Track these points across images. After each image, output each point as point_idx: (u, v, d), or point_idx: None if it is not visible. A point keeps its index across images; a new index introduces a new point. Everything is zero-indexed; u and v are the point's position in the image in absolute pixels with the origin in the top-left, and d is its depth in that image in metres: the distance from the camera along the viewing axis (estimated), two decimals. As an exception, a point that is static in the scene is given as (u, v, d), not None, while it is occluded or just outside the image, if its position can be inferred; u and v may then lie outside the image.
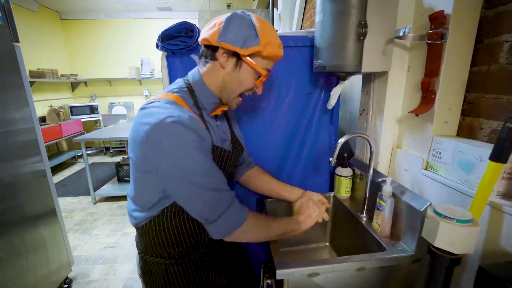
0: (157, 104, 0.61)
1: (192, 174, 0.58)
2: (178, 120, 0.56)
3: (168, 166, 0.58)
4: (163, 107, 0.60)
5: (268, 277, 0.85)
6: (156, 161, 0.58)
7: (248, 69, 0.66)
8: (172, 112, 0.58)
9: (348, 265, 0.70)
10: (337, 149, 0.80)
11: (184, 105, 0.64)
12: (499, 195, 0.58)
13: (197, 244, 0.73)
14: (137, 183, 0.67)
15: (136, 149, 0.61)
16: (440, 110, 0.73)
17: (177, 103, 0.63)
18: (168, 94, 0.66)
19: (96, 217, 2.64)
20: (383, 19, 0.75)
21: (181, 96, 0.66)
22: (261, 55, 0.64)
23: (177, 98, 0.65)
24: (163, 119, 0.56)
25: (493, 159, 0.50)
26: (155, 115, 0.57)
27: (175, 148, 0.57)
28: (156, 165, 0.59)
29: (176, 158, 0.57)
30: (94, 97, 4.83)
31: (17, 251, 1.32)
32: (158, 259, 0.72)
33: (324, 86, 1.03)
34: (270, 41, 0.63)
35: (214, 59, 0.66)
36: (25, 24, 3.71)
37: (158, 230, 0.69)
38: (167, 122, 0.56)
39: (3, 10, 1.27)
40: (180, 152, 0.57)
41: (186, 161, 0.58)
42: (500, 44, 0.64)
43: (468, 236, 0.50)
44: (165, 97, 0.64)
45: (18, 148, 1.35)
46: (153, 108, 0.60)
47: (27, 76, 1.41)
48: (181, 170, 0.58)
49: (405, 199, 0.75)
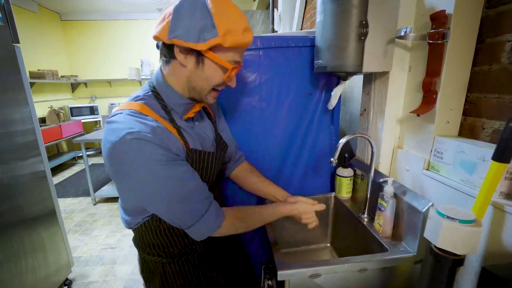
0: (118, 118, 0.57)
1: (159, 189, 0.57)
2: (138, 136, 0.53)
3: (135, 183, 0.57)
4: (123, 121, 0.56)
5: (269, 278, 0.85)
6: (123, 177, 0.58)
7: (213, 65, 0.58)
8: (132, 126, 0.54)
9: (349, 266, 0.69)
10: (338, 150, 0.79)
11: (149, 113, 0.59)
12: (502, 195, 0.58)
13: (193, 245, 0.73)
14: (119, 192, 0.66)
15: (106, 163, 0.59)
16: (441, 110, 0.72)
17: (141, 112, 0.58)
18: (132, 103, 0.60)
19: (96, 218, 2.64)
20: (384, 19, 0.74)
21: (146, 103, 0.61)
22: (223, 47, 0.56)
23: (141, 107, 0.60)
24: (122, 136, 0.53)
25: (496, 159, 0.50)
26: (116, 132, 0.54)
27: (137, 165, 0.54)
28: (124, 183, 0.59)
29: (141, 175, 0.55)
30: (94, 98, 4.83)
31: (16, 253, 1.31)
32: (156, 258, 0.72)
33: (325, 86, 1.02)
34: (230, 28, 0.54)
35: (173, 58, 0.59)
36: (25, 25, 3.71)
37: (151, 233, 0.69)
38: (127, 139, 0.52)
39: (3, 11, 1.27)
40: (143, 168, 0.55)
41: (152, 177, 0.56)
42: (501, 44, 0.63)
43: (471, 236, 0.49)
44: (128, 107, 0.59)
45: (18, 149, 1.34)
46: (114, 123, 0.56)
47: (27, 77, 1.41)
48: (148, 186, 0.57)
49: (407, 200, 0.75)
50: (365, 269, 0.71)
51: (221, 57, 0.58)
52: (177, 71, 0.61)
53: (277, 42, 0.95)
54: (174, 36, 0.54)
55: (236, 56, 0.60)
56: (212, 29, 0.53)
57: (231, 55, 0.59)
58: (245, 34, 0.57)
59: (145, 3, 3.98)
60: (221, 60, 0.58)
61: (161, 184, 0.57)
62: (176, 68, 0.61)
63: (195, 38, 0.54)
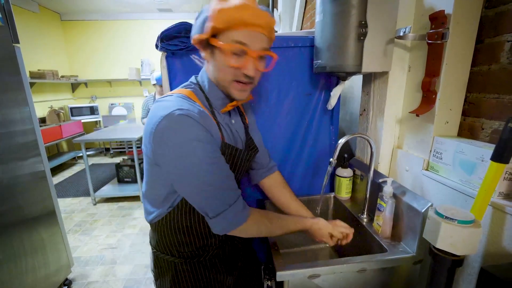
0: (169, 98, 0.62)
1: (195, 168, 0.58)
2: (186, 113, 0.57)
3: (174, 157, 0.58)
4: (174, 100, 0.61)
5: (268, 278, 0.85)
6: (163, 152, 0.59)
7: (220, 52, 0.60)
8: (182, 105, 0.59)
9: (349, 266, 0.69)
10: (338, 150, 0.79)
11: (196, 100, 0.65)
12: (501, 195, 0.58)
13: (207, 246, 0.73)
14: (148, 177, 0.68)
15: (147, 141, 0.62)
16: (440, 110, 0.72)
17: (190, 98, 0.64)
18: (182, 90, 0.67)
19: (96, 218, 2.64)
20: (383, 19, 0.74)
21: (194, 91, 0.67)
22: (220, 29, 0.56)
23: (190, 93, 0.65)
24: (172, 111, 0.56)
25: (495, 159, 0.50)
26: (166, 108, 0.58)
27: (181, 140, 0.57)
28: (163, 156, 0.60)
29: (181, 150, 0.57)
30: (94, 98, 4.83)
31: (16, 253, 1.31)
32: (169, 257, 0.72)
33: (324, 86, 1.02)
34: (220, 8, 0.55)
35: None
36: (26, 25, 3.71)
37: (170, 229, 0.69)
38: (176, 114, 0.56)
39: (3, 11, 1.27)
40: (186, 144, 0.57)
41: (191, 154, 0.57)
42: (501, 44, 0.63)
43: (470, 237, 0.49)
44: (179, 92, 0.65)
45: (18, 149, 1.34)
46: (165, 102, 0.61)
47: (27, 77, 1.41)
48: (186, 162, 0.58)
49: (406, 200, 0.75)
50: (364, 269, 0.71)
51: (224, 41, 0.58)
52: (207, 68, 0.68)
53: (277, 42, 0.95)
54: (192, 35, 0.63)
55: (240, 37, 0.57)
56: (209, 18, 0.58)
57: (233, 36, 0.57)
58: (238, 10, 0.55)
59: (145, 3, 3.98)
60: (223, 44, 0.57)
61: (198, 163, 0.58)
62: (206, 65, 0.68)
63: (200, 30, 0.60)
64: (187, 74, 0.75)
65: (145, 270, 1.90)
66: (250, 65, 0.60)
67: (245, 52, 0.58)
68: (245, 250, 0.89)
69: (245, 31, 0.57)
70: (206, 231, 0.71)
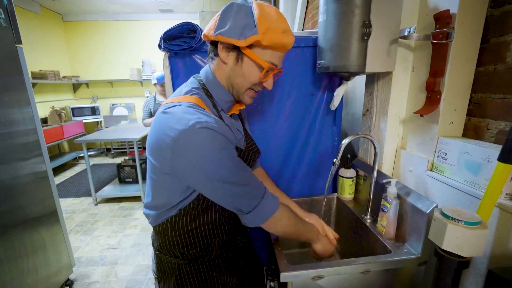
0: (180, 109, 0.59)
1: (225, 175, 0.58)
2: (206, 125, 0.55)
3: (200, 170, 0.57)
4: (187, 112, 0.58)
5: (271, 279, 0.84)
6: (187, 165, 0.57)
7: (250, 62, 0.61)
8: (199, 117, 0.56)
9: (352, 267, 0.69)
10: (341, 150, 0.79)
11: (205, 107, 0.63)
12: (508, 196, 0.57)
13: (211, 247, 0.73)
14: (155, 185, 0.66)
15: (158, 154, 0.60)
16: (445, 111, 0.72)
17: (199, 106, 0.62)
18: (189, 97, 0.63)
19: (97, 218, 2.64)
20: (387, 19, 0.74)
21: (200, 97, 0.64)
22: (261, 44, 0.58)
23: (198, 101, 0.63)
24: (191, 125, 0.54)
25: (502, 160, 0.49)
26: (182, 121, 0.55)
27: (206, 153, 0.55)
28: (184, 170, 0.58)
29: (207, 162, 0.56)
30: (95, 98, 4.84)
31: (17, 253, 1.31)
32: (172, 259, 0.72)
33: (327, 86, 1.02)
34: (270, 27, 0.57)
35: (217, 55, 0.64)
36: (28, 25, 3.72)
37: (173, 231, 0.69)
38: (197, 128, 0.54)
39: (6, 12, 1.27)
40: (211, 155, 0.56)
41: (217, 163, 0.57)
42: (506, 44, 0.63)
43: (476, 238, 0.49)
44: (186, 100, 0.62)
45: (20, 149, 1.34)
46: (177, 113, 0.58)
47: (29, 77, 1.41)
48: (214, 173, 0.57)
49: (410, 201, 0.74)
50: (368, 271, 0.70)
51: (259, 55, 0.60)
52: (220, 68, 0.66)
53: (279, 42, 0.95)
54: (219, 33, 0.59)
55: (274, 58, 0.62)
56: (253, 28, 0.57)
57: (269, 55, 0.61)
58: (285, 35, 0.60)
59: (147, 4, 3.99)
60: (259, 58, 0.60)
61: (226, 169, 0.58)
62: (219, 65, 0.65)
63: (236, 35, 0.58)
64: (189, 74, 0.75)
65: (146, 271, 1.90)
66: (271, 81, 0.66)
67: (273, 69, 0.63)
68: (248, 250, 0.88)
69: (281, 54, 0.63)
70: (211, 232, 0.71)
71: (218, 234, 0.72)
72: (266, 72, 0.63)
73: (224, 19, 0.59)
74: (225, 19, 0.58)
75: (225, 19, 0.58)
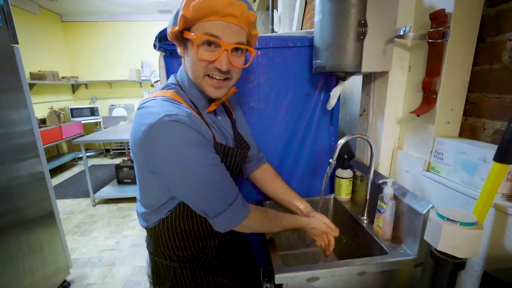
0: (154, 103, 0.59)
1: (192, 172, 0.57)
2: (176, 119, 0.54)
3: (169, 164, 0.56)
4: (160, 105, 0.58)
5: (267, 281, 0.84)
6: (157, 161, 0.57)
7: (191, 44, 0.58)
8: (169, 110, 0.56)
9: (348, 269, 0.68)
10: (337, 151, 0.78)
11: (182, 101, 0.62)
12: (504, 197, 0.57)
13: (206, 249, 0.72)
14: (142, 184, 0.66)
15: (136, 150, 0.60)
16: (441, 111, 0.71)
17: (175, 99, 0.61)
18: (165, 92, 0.64)
19: (95, 219, 2.63)
20: (383, 18, 0.73)
21: (177, 92, 0.64)
22: (190, 20, 0.55)
23: (174, 95, 0.62)
24: (160, 118, 0.54)
25: (498, 160, 0.49)
26: (153, 115, 0.55)
27: (175, 147, 0.55)
28: (158, 165, 0.58)
29: (176, 156, 0.55)
30: (94, 99, 4.83)
31: (13, 254, 1.31)
32: (167, 262, 0.71)
33: (324, 86, 1.01)
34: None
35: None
36: (27, 26, 3.72)
37: (167, 233, 0.68)
38: (165, 121, 0.53)
39: (2, 12, 1.26)
40: (180, 150, 0.55)
41: (186, 159, 0.56)
42: (502, 43, 0.62)
43: (472, 239, 0.48)
44: (162, 95, 0.62)
45: (16, 150, 1.34)
46: (150, 107, 0.58)
47: (26, 77, 1.41)
48: (182, 167, 0.56)
49: (407, 201, 0.74)
50: (364, 272, 0.69)
51: (196, 33, 0.56)
52: (184, 65, 0.65)
53: (276, 42, 0.95)
54: (169, 31, 0.59)
55: (210, 28, 0.55)
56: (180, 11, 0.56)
57: (202, 27, 0.55)
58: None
59: (146, 4, 3.99)
60: (192, 36, 0.55)
61: (195, 167, 0.56)
62: (183, 62, 0.65)
63: (172, 23, 0.59)
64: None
65: (144, 272, 1.89)
66: (222, 59, 0.57)
67: (219, 45, 0.56)
68: (244, 251, 0.88)
69: (217, 22, 0.55)
70: (205, 234, 0.70)
71: (213, 236, 0.71)
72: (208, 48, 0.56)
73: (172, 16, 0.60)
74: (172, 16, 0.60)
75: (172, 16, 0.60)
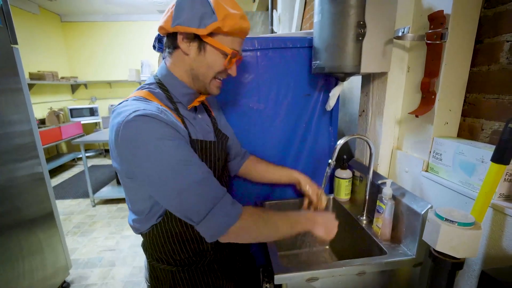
0: (125, 104, 0.58)
1: (167, 169, 0.53)
2: (144, 113, 0.52)
3: (141, 163, 0.53)
4: (130, 104, 0.57)
5: (267, 281, 0.84)
6: (130, 161, 0.54)
7: (213, 50, 0.61)
8: (138, 107, 0.54)
9: (348, 269, 0.68)
10: (336, 151, 0.78)
11: (154, 100, 0.61)
12: (501, 197, 0.57)
13: (204, 252, 0.71)
14: (127, 191, 0.64)
15: (114, 154, 0.58)
16: (440, 111, 0.72)
17: (146, 98, 0.60)
18: (137, 92, 0.63)
19: (95, 220, 2.63)
20: (382, 19, 0.74)
21: (151, 91, 0.63)
22: (222, 31, 0.58)
23: (147, 94, 0.62)
24: (128, 115, 0.52)
25: (495, 160, 0.49)
26: (122, 115, 0.54)
27: (144, 142, 0.52)
28: (133, 167, 0.55)
29: (147, 152, 0.52)
30: (94, 99, 4.83)
31: (13, 255, 1.31)
32: (165, 266, 0.70)
33: (323, 87, 1.02)
34: (228, 13, 0.57)
35: (177, 47, 0.61)
36: (26, 26, 3.72)
37: (163, 237, 0.66)
38: (132, 117, 0.52)
39: (2, 12, 1.26)
40: (150, 145, 0.52)
41: (158, 154, 0.52)
42: (500, 44, 0.63)
43: (470, 239, 0.49)
44: (135, 95, 0.62)
45: (15, 150, 1.34)
46: (122, 108, 0.57)
47: (25, 78, 1.41)
48: (155, 165, 0.53)
49: (406, 202, 0.74)
50: (363, 272, 0.70)
51: (221, 42, 0.60)
52: (180, 61, 0.63)
53: (275, 43, 0.95)
54: (177, 23, 0.57)
55: (235, 44, 0.62)
56: (212, 15, 0.56)
57: (230, 41, 0.61)
58: (243, 20, 0.60)
59: (145, 4, 3.99)
60: (221, 45, 0.60)
61: (169, 163, 0.53)
62: (180, 58, 0.63)
63: (196, 23, 0.57)
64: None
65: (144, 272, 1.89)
66: (235, 68, 0.67)
67: (235, 56, 0.63)
68: (243, 252, 0.88)
69: (240, 40, 0.64)
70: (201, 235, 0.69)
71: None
72: (230, 58, 0.62)
73: (180, 9, 0.57)
74: (181, 10, 0.57)
75: (182, 10, 0.57)
